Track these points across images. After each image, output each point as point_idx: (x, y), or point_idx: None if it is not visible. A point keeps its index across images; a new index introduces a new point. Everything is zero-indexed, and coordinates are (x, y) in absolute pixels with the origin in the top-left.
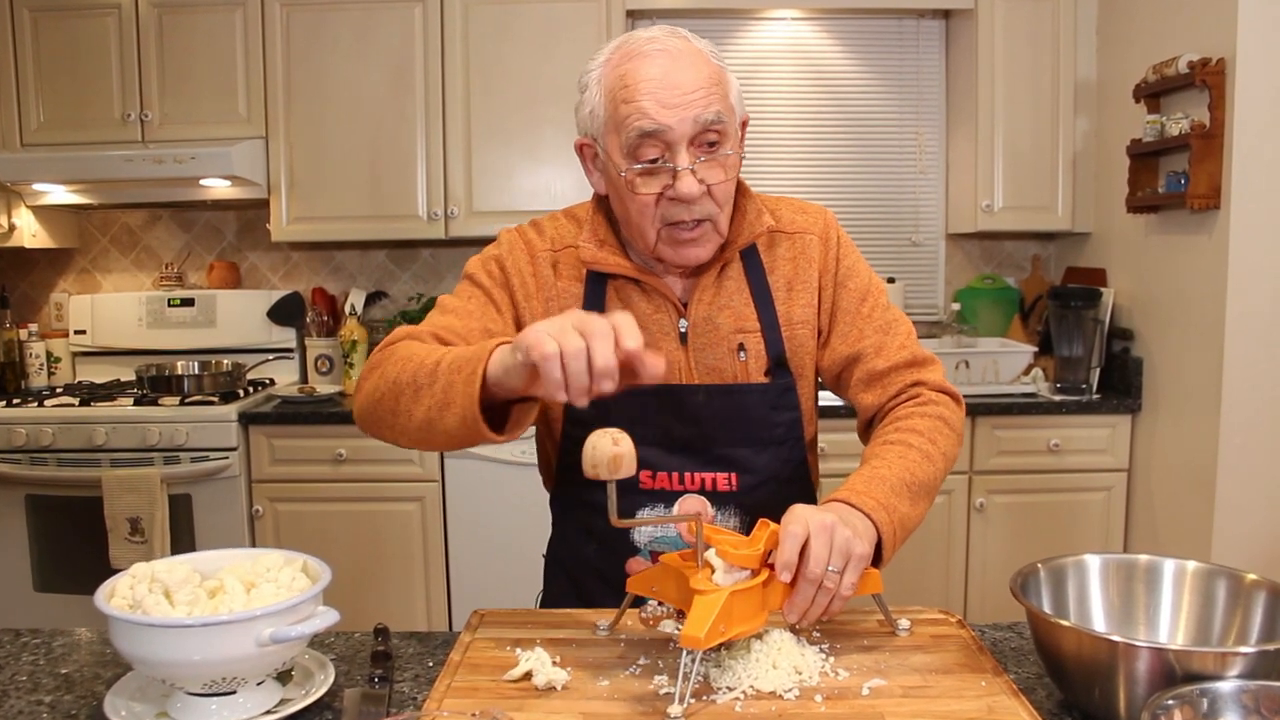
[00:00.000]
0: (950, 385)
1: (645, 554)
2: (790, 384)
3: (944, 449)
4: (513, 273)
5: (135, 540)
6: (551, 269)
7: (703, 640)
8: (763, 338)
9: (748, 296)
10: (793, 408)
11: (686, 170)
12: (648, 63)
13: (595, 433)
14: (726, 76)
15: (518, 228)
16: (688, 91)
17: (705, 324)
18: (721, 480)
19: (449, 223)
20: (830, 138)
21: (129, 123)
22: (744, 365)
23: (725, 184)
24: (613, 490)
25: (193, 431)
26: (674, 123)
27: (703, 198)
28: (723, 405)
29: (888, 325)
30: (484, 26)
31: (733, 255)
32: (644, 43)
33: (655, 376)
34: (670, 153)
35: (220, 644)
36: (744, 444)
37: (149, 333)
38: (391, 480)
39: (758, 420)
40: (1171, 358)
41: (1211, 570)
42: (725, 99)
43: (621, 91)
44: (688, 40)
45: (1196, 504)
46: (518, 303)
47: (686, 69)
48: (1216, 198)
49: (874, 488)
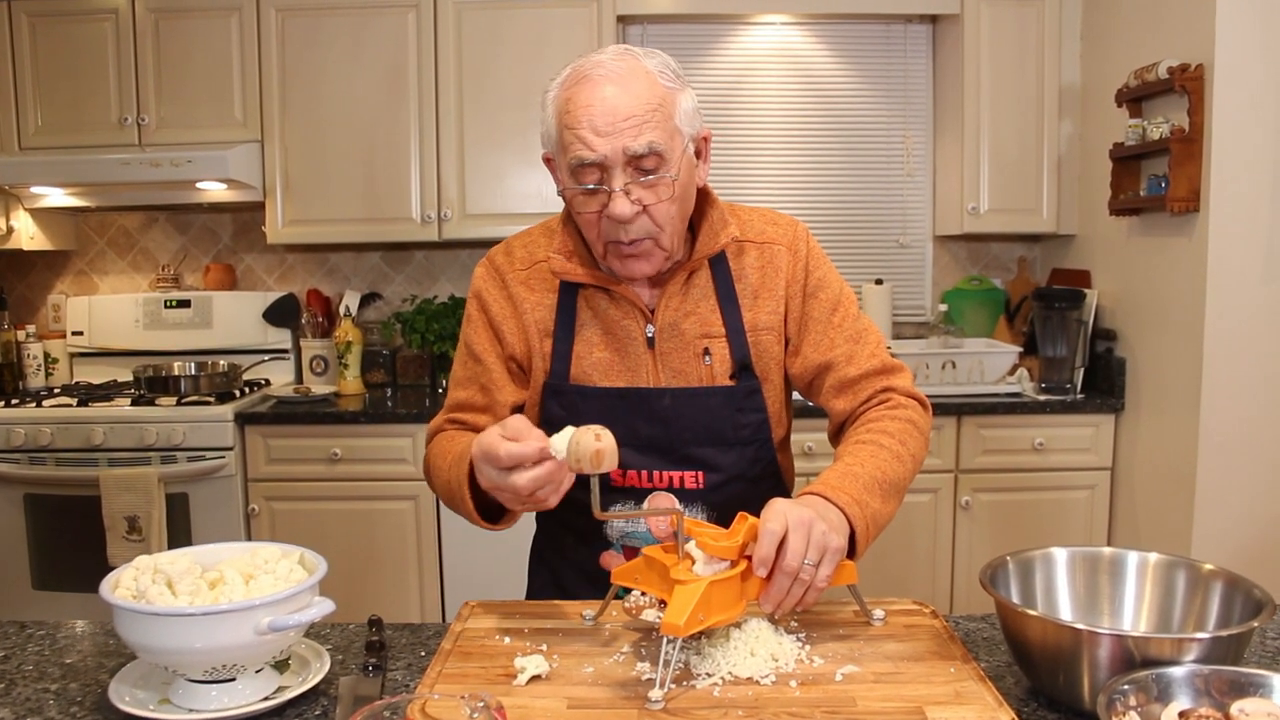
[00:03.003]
0: (918, 391)
1: (617, 548)
2: (755, 387)
3: (913, 451)
4: (490, 304)
5: (133, 539)
6: (523, 287)
7: (682, 628)
8: (728, 343)
9: (714, 303)
10: (758, 409)
11: (619, 193)
12: (589, 89)
13: (578, 430)
14: (674, 98)
15: (489, 256)
16: (622, 119)
17: (671, 329)
18: (689, 478)
19: (442, 225)
20: (819, 141)
21: (126, 126)
22: (709, 369)
23: (662, 205)
24: (595, 484)
25: (189, 431)
26: (607, 151)
27: (638, 218)
28: (688, 407)
29: (858, 334)
30: (477, 31)
31: (700, 264)
32: (591, 67)
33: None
34: (607, 176)
35: (221, 632)
36: (710, 444)
37: (146, 334)
38: (386, 479)
39: (723, 421)
40: (1153, 358)
41: (1172, 561)
42: (665, 123)
43: (565, 116)
44: (637, 60)
45: (1177, 501)
46: (499, 332)
47: (625, 95)
48: (1196, 201)
49: (848, 483)
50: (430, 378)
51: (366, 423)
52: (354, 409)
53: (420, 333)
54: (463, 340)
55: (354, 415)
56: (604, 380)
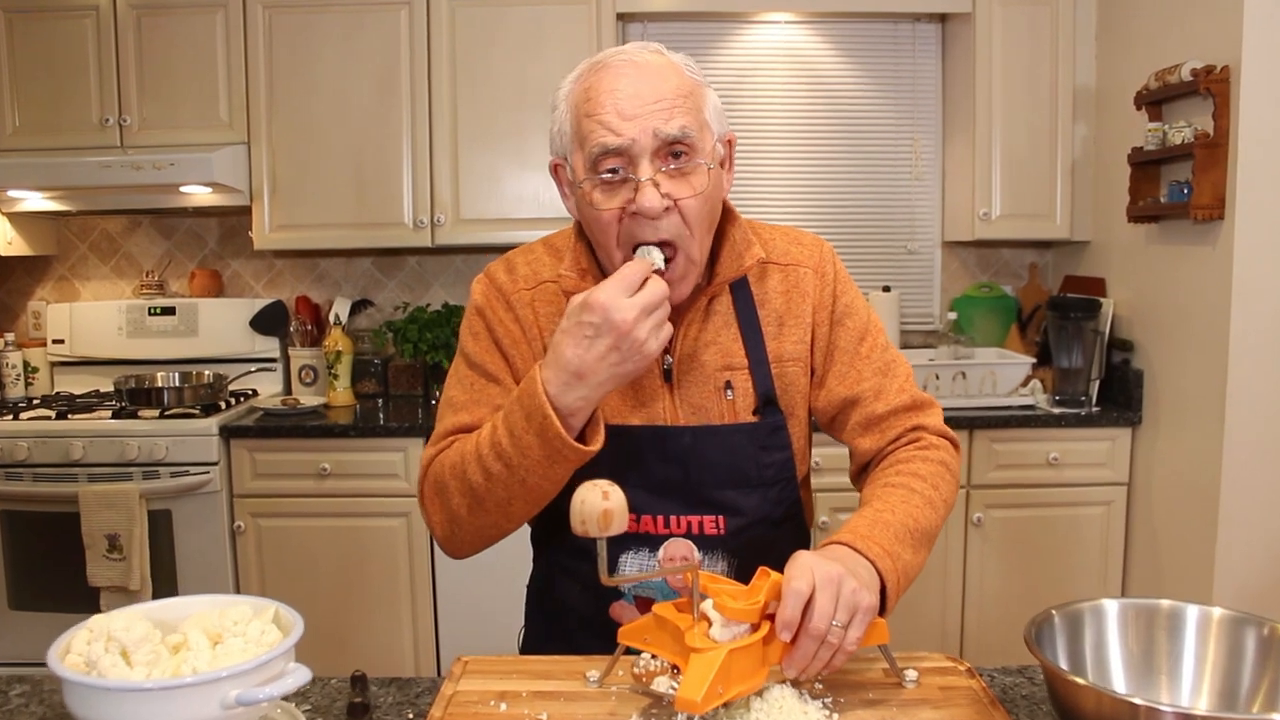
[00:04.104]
0: (949, 430)
1: (629, 598)
2: (780, 423)
3: (945, 495)
4: (495, 324)
5: (114, 557)
6: (529, 309)
7: (700, 704)
8: (750, 375)
9: (735, 332)
10: (783, 447)
11: (648, 182)
12: (612, 75)
13: (584, 485)
14: (702, 91)
15: (486, 272)
16: (650, 102)
17: (690, 361)
18: (709, 523)
19: (435, 230)
20: (824, 144)
21: (107, 127)
22: (731, 404)
23: (694, 200)
24: (603, 547)
25: (172, 445)
26: (634, 134)
27: (668, 215)
28: (709, 446)
29: (886, 366)
30: (471, 29)
31: (720, 289)
32: (612, 55)
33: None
34: (632, 165)
35: (181, 708)
36: (732, 486)
37: (129, 342)
38: (376, 495)
39: (746, 461)
40: (1173, 370)
41: (1238, 619)
42: (696, 113)
43: (584, 105)
44: (661, 54)
45: (1199, 519)
46: (508, 355)
47: (652, 80)
48: (1221, 208)
49: (878, 532)
50: (424, 388)
51: (356, 436)
52: (343, 421)
53: (413, 342)
54: (465, 359)
55: (343, 428)
56: (616, 417)
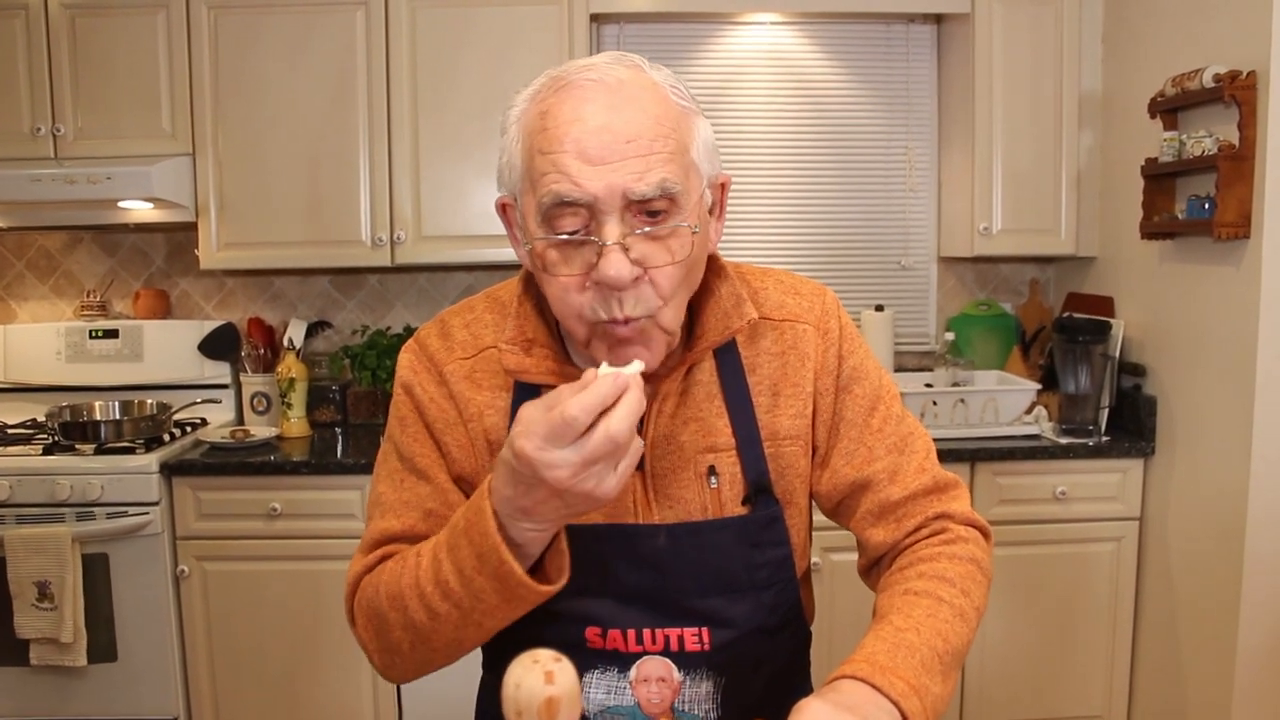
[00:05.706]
0: (978, 517)
1: None
2: (776, 514)
3: (977, 603)
4: (425, 404)
5: (44, 607)
6: (467, 382)
7: None
8: (739, 457)
9: (720, 405)
10: (779, 543)
11: (614, 248)
12: (576, 99)
13: (520, 661)
14: (690, 122)
15: (417, 339)
16: (622, 142)
17: (666, 443)
18: (690, 638)
19: (395, 249)
20: (812, 153)
21: (39, 137)
22: (715, 493)
23: (671, 269)
24: None
25: (109, 484)
26: (598, 190)
27: (638, 285)
28: (689, 547)
29: (902, 442)
30: (434, 32)
31: (703, 355)
32: (578, 72)
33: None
34: (595, 224)
35: None
36: (717, 592)
37: (68, 368)
38: (330, 537)
39: (734, 562)
40: (1190, 397)
41: None
42: (680, 154)
43: (540, 137)
44: (640, 70)
45: (1221, 558)
46: (441, 442)
47: (627, 110)
48: (1247, 226)
49: (901, 660)
50: (385, 415)
51: (309, 473)
52: (296, 457)
53: (371, 369)
54: (392, 450)
55: (294, 465)
56: None
